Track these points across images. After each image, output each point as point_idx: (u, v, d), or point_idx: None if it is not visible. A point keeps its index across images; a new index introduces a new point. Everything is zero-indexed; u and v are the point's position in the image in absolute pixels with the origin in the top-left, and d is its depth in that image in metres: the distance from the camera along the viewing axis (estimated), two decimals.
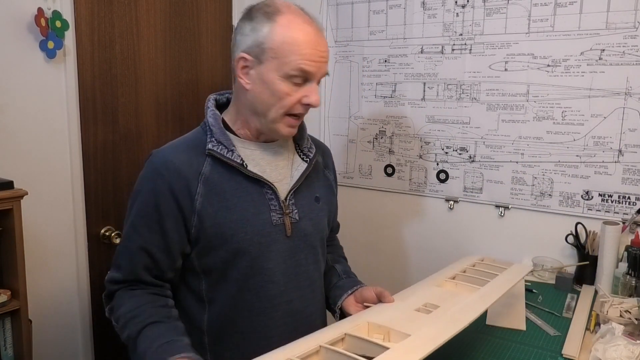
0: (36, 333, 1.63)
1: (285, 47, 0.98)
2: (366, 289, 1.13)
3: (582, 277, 1.70)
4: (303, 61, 0.99)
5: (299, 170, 1.13)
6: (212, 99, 1.14)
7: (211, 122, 1.08)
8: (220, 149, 1.04)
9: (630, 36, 1.64)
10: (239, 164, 1.04)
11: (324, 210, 1.18)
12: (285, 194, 1.09)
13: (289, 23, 0.99)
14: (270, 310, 1.07)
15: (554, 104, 1.78)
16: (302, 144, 1.17)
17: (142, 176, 1.07)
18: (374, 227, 2.19)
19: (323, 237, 1.19)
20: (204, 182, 1.02)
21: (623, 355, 1.10)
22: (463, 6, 1.89)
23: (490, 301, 1.10)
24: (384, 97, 2.11)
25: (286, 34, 0.98)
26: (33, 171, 1.64)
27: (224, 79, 2.32)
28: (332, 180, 1.26)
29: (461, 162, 1.98)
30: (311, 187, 1.15)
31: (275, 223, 1.06)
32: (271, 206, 1.06)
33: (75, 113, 1.75)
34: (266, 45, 0.99)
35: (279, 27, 0.99)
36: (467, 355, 1.21)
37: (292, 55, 0.98)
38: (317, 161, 1.19)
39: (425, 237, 2.11)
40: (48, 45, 1.61)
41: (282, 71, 0.99)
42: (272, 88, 1.01)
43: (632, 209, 1.70)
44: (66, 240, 1.77)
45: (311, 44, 0.99)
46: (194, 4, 2.14)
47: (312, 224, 1.13)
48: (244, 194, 1.04)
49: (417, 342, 0.86)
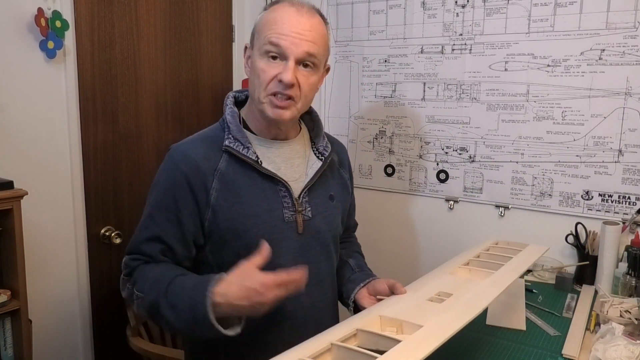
0: (36, 333, 1.64)
1: (263, 27, 1.03)
2: (378, 281, 1.14)
3: (582, 277, 1.70)
4: (274, 34, 1.01)
5: (313, 169, 1.14)
6: (231, 96, 1.16)
7: (229, 119, 1.10)
8: (236, 145, 1.06)
9: (630, 36, 1.64)
10: (254, 160, 1.06)
11: (338, 209, 1.19)
12: (299, 191, 1.11)
13: (275, 8, 1.04)
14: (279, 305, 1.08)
15: (554, 104, 1.78)
16: (318, 142, 1.18)
17: (161, 168, 1.09)
18: (374, 227, 2.19)
19: (336, 235, 1.20)
20: (219, 178, 1.05)
21: (623, 355, 1.10)
22: (463, 6, 1.89)
23: (505, 285, 1.09)
24: (384, 97, 2.11)
25: (267, 16, 1.04)
26: (33, 171, 1.64)
27: (224, 79, 2.32)
28: (348, 179, 1.27)
29: (461, 162, 1.98)
30: (326, 185, 1.17)
31: (287, 220, 1.08)
32: (284, 203, 1.08)
33: (75, 113, 1.75)
34: (255, 30, 1.07)
35: (265, 13, 1.05)
36: (467, 355, 1.21)
37: (266, 31, 1.02)
38: (332, 160, 1.20)
39: (425, 237, 2.11)
40: (48, 45, 1.61)
41: (260, 49, 1.03)
42: (253, 67, 1.05)
43: (632, 209, 1.70)
44: (66, 240, 1.77)
45: (287, 20, 1.01)
46: (194, 4, 2.14)
47: (325, 222, 1.15)
48: (258, 190, 1.06)
49: (430, 332, 0.86)
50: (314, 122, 1.22)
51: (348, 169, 1.29)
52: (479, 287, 1.08)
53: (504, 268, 1.20)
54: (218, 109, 2.29)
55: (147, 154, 2.02)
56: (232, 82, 2.35)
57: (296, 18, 1.01)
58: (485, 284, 1.10)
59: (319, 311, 1.16)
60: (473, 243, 1.98)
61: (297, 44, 1.00)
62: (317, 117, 1.23)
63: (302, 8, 1.03)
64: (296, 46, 1.01)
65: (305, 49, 1.01)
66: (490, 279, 1.13)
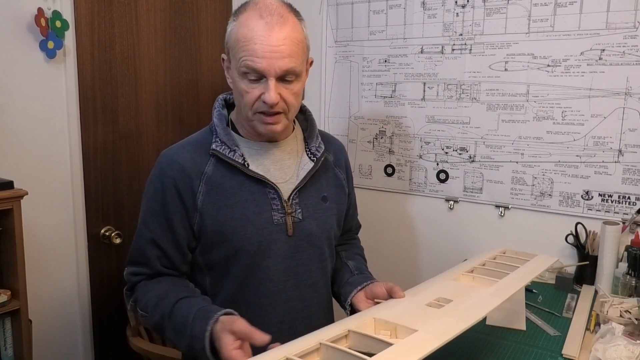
0: (36, 333, 1.64)
1: (236, 45, 0.99)
2: (377, 284, 1.11)
3: (582, 277, 1.70)
4: (248, 57, 0.97)
5: (304, 170, 1.13)
6: (220, 99, 1.15)
7: (216, 123, 1.10)
8: (222, 149, 1.06)
9: (630, 36, 1.64)
10: (240, 163, 1.05)
11: (331, 210, 1.17)
12: (288, 193, 1.10)
13: (244, 20, 0.99)
14: (268, 307, 1.09)
15: (554, 104, 1.78)
16: (311, 143, 1.16)
17: (151, 175, 1.10)
18: (374, 227, 2.19)
19: (330, 237, 1.18)
20: (206, 182, 1.05)
21: (623, 355, 1.10)
22: (463, 6, 1.89)
23: (507, 294, 1.05)
24: (384, 97, 2.11)
25: (238, 32, 0.99)
26: (33, 171, 1.64)
27: (224, 78, 2.31)
28: (344, 179, 1.25)
29: (461, 162, 1.98)
30: (318, 186, 1.15)
31: (276, 222, 1.07)
32: (273, 205, 1.07)
33: (75, 113, 1.75)
34: (228, 44, 1.03)
35: (235, 26, 1.00)
36: (467, 355, 1.21)
37: (240, 52, 0.98)
38: (326, 160, 1.19)
39: (425, 237, 2.11)
40: (48, 45, 1.61)
41: (237, 69, 1.00)
42: (235, 86, 1.03)
43: (632, 209, 1.70)
44: (66, 240, 1.77)
45: (258, 39, 0.96)
46: (194, 4, 2.14)
47: (317, 223, 1.13)
48: (246, 193, 1.06)
49: (424, 337, 0.84)
50: (307, 121, 1.21)
51: (345, 168, 1.27)
52: (481, 295, 1.05)
53: (509, 277, 1.16)
54: None
55: (147, 154, 2.02)
56: None
57: (267, 33, 0.96)
58: (488, 292, 1.07)
59: (312, 314, 1.15)
60: (473, 243, 2.00)
61: (273, 63, 0.97)
62: (311, 116, 1.22)
63: (271, 18, 0.97)
64: (272, 66, 0.97)
65: (282, 66, 0.98)
66: (494, 287, 1.10)
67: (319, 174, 1.15)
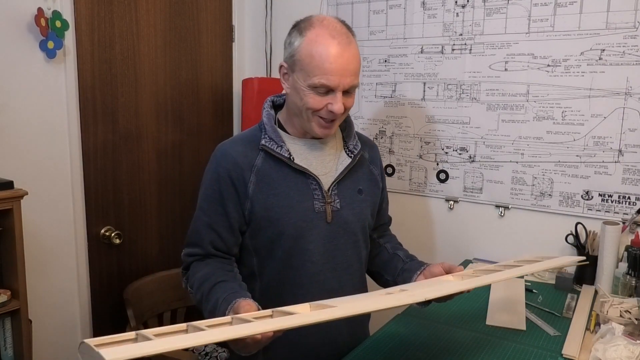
0: (36, 333, 1.64)
1: (309, 61, 1.11)
2: (434, 265, 1.21)
3: (582, 277, 1.70)
4: (323, 75, 1.09)
5: (343, 164, 1.25)
6: (269, 100, 1.27)
7: (265, 121, 1.22)
8: (271, 144, 1.19)
9: (630, 36, 1.64)
10: (286, 157, 1.18)
11: (366, 202, 1.28)
12: (328, 185, 1.21)
13: (315, 37, 1.11)
14: (309, 286, 1.20)
15: (554, 104, 1.78)
16: (349, 141, 1.29)
17: (208, 166, 1.23)
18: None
19: (364, 226, 1.29)
20: (256, 173, 1.18)
21: (623, 355, 1.10)
22: (463, 6, 1.89)
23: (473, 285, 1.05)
24: (384, 97, 2.11)
25: (311, 49, 1.11)
26: (33, 171, 1.64)
27: (224, 78, 2.32)
28: (378, 175, 1.36)
29: (461, 162, 1.98)
30: (355, 180, 1.27)
31: (317, 210, 1.19)
32: (314, 195, 1.20)
33: (75, 113, 1.75)
34: (296, 57, 1.13)
35: (306, 42, 1.12)
36: (467, 355, 1.21)
37: (315, 69, 1.10)
38: (362, 156, 1.31)
39: (425, 237, 2.11)
40: (48, 45, 1.61)
41: (307, 82, 1.12)
42: (300, 95, 1.14)
43: (632, 209, 1.70)
44: (66, 240, 1.77)
45: (333, 60, 1.09)
46: (194, 4, 2.14)
47: (353, 213, 1.24)
48: (291, 183, 1.19)
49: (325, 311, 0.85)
50: (346, 123, 1.31)
51: (379, 166, 1.38)
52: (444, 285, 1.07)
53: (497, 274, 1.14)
54: (218, 109, 2.30)
55: (147, 154, 2.02)
56: (232, 82, 2.34)
57: (340, 53, 1.10)
58: (455, 283, 1.07)
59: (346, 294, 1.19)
60: (473, 243, 2.00)
61: (342, 80, 1.11)
62: (350, 119, 1.32)
63: (342, 39, 1.11)
64: (342, 83, 1.11)
65: (349, 83, 1.12)
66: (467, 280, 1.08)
67: (355, 169, 1.27)
